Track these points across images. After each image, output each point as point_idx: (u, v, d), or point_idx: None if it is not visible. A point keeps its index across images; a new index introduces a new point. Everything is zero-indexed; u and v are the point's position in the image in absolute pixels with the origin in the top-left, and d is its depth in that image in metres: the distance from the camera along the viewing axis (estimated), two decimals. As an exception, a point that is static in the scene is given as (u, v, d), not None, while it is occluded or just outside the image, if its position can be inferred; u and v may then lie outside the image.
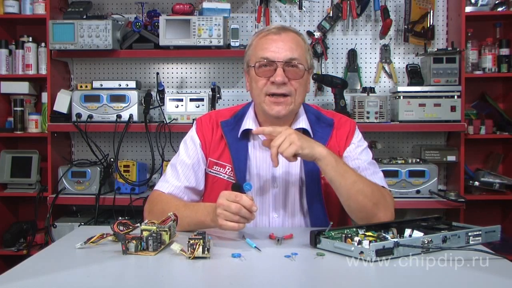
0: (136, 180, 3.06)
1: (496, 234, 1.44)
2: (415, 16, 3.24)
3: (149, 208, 1.71)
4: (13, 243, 3.19)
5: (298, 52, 1.65)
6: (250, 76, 1.70)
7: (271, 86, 1.63)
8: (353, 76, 3.33)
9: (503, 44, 3.15)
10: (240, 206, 1.40)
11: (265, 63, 1.64)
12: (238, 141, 1.71)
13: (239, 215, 1.40)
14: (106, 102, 3.06)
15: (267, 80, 1.63)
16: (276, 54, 1.63)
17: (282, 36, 1.65)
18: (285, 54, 1.63)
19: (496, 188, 3.10)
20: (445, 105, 3.01)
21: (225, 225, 1.42)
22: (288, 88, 1.63)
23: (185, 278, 1.21)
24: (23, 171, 3.23)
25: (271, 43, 1.65)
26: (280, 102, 1.63)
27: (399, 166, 2.97)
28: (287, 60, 1.63)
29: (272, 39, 1.65)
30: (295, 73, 1.64)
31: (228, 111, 1.82)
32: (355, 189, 1.55)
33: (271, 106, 1.64)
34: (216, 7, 3.10)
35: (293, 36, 1.67)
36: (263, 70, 1.64)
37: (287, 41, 1.65)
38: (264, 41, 1.66)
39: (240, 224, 1.42)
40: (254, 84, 1.68)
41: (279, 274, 1.22)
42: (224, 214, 1.41)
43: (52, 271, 1.21)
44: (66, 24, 3.03)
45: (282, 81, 1.61)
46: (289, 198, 1.71)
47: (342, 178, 1.54)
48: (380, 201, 1.59)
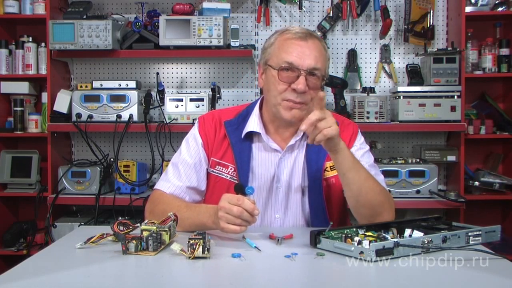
0: (136, 180, 3.06)
1: (496, 234, 1.44)
2: (415, 16, 3.24)
3: (150, 208, 1.71)
4: (13, 243, 3.19)
5: (321, 61, 1.63)
6: (268, 75, 1.67)
7: (291, 92, 1.61)
8: (353, 76, 3.33)
9: (503, 44, 3.15)
10: (242, 209, 1.40)
11: (288, 67, 1.61)
12: (241, 142, 1.71)
13: (241, 219, 1.40)
14: (106, 102, 3.06)
15: (288, 86, 1.61)
16: (300, 61, 1.60)
17: (309, 43, 1.62)
18: (309, 62, 1.60)
19: (496, 188, 3.10)
20: (445, 105, 3.01)
21: (227, 228, 1.42)
22: (306, 97, 1.61)
23: (185, 278, 1.21)
24: (23, 171, 3.23)
25: (296, 48, 1.61)
26: (295, 107, 1.62)
27: (399, 166, 2.97)
28: (311, 70, 1.60)
29: (298, 44, 1.62)
30: (314, 84, 1.62)
31: (231, 110, 1.81)
32: (366, 185, 1.55)
33: (287, 110, 1.63)
34: (216, 7, 3.10)
35: (318, 44, 1.64)
36: (285, 75, 1.61)
37: (313, 49, 1.62)
38: (290, 44, 1.63)
39: (242, 227, 1.41)
40: (272, 86, 1.65)
41: (279, 274, 1.22)
42: (226, 217, 1.41)
43: (52, 271, 1.21)
44: (66, 24, 3.03)
45: (304, 90, 1.59)
46: (291, 199, 1.71)
47: (357, 173, 1.54)
48: (386, 200, 1.61)
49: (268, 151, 1.71)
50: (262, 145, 1.72)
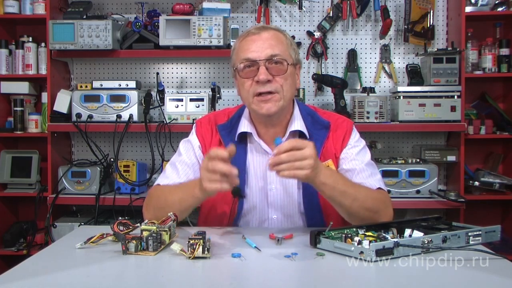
0: (136, 180, 3.06)
1: (496, 234, 1.44)
2: (415, 16, 3.24)
3: (147, 202, 1.71)
4: (13, 243, 3.19)
5: (279, 48, 1.63)
6: (237, 79, 1.69)
7: (256, 86, 1.61)
8: (353, 76, 3.34)
9: (503, 44, 3.15)
10: (215, 160, 1.38)
11: (247, 63, 1.63)
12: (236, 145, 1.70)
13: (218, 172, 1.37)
14: (106, 102, 3.06)
15: (252, 80, 1.62)
16: (257, 53, 1.62)
17: (262, 35, 1.64)
18: (266, 52, 1.61)
19: (496, 188, 3.10)
20: (445, 105, 3.01)
21: (208, 187, 1.40)
22: (273, 85, 1.61)
23: (185, 278, 1.21)
24: (23, 171, 3.23)
25: (251, 44, 1.64)
26: (267, 100, 1.62)
27: (399, 166, 2.97)
28: (268, 58, 1.61)
29: (251, 40, 1.65)
30: (278, 69, 1.62)
31: (225, 113, 1.82)
32: (355, 206, 1.54)
33: (260, 105, 1.63)
34: (216, 7, 3.10)
35: (273, 33, 1.66)
36: (247, 71, 1.63)
37: (267, 39, 1.64)
38: (245, 43, 1.66)
39: (223, 184, 1.39)
40: (241, 86, 1.67)
41: (279, 274, 1.22)
42: (206, 175, 1.40)
43: (52, 271, 1.21)
44: (66, 24, 3.03)
45: (266, 79, 1.59)
46: (286, 200, 1.71)
47: (342, 197, 1.52)
48: (380, 207, 1.60)
49: (260, 152, 1.72)
50: (254, 147, 1.73)
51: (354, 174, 1.67)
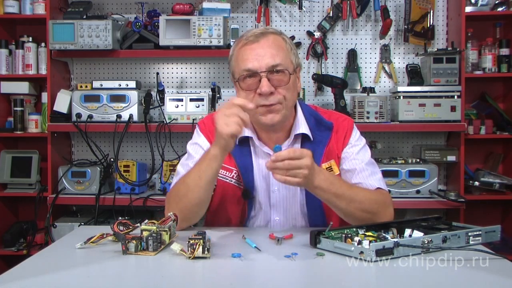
0: (136, 180, 3.06)
1: (496, 234, 1.44)
2: (415, 16, 3.24)
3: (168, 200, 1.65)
4: (13, 243, 3.19)
5: (280, 56, 1.59)
6: (238, 89, 1.66)
7: (259, 98, 1.58)
8: (353, 76, 3.33)
9: (503, 44, 3.15)
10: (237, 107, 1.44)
11: (248, 74, 1.59)
12: (239, 147, 1.70)
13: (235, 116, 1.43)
14: (106, 102, 3.06)
15: (254, 93, 1.59)
16: (258, 63, 1.57)
17: (261, 43, 1.59)
18: (266, 62, 1.57)
19: (496, 188, 3.10)
20: (445, 105, 3.01)
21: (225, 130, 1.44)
22: (276, 97, 1.59)
23: (185, 278, 1.21)
24: (23, 171, 3.23)
25: (250, 53, 1.59)
26: (271, 110, 1.60)
27: (399, 166, 2.97)
28: (270, 69, 1.57)
29: (251, 48, 1.60)
30: (280, 81, 1.59)
31: None
32: (351, 208, 1.54)
33: (264, 116, 1.61)
34: (216, 7, 3.10)
35: (273, 40, 1.61)
36: (248, 83, 1.60)
37: (267, 47, 1.59)
38: (244, 51, 1.61)
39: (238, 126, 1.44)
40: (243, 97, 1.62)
41: (279, 274, 1.22)
42: (222, 120, 1.45)
43: (52, 271, 1.21)
44: (66, 24, 3.03)
45: (269, 91, 1.57)
46: (289, 201, 1.71)
47: (337, 200, 1.52)
48: (379, 209, 1.59)
49: (262, 154, 1.71)
50: (257, 150, 1.72)
51: (354, 174, 1.67)
